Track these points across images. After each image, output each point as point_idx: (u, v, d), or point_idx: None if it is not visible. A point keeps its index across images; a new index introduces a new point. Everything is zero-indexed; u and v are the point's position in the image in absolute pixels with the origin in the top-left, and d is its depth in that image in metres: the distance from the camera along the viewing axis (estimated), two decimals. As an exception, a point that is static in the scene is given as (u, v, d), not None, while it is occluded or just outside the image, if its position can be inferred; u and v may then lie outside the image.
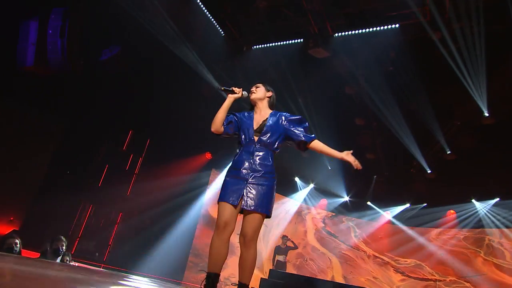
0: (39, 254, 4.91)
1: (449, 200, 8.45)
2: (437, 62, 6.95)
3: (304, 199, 9.76)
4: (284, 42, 7.54)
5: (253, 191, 2.52)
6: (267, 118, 2.74)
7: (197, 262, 8.18)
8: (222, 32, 7.48)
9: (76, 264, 5.23)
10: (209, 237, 2.57)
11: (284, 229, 9.26)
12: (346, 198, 9.75)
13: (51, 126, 7.08)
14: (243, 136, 2.72)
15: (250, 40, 7.65)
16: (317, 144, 2.69)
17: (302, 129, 2.73)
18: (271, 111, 2.84)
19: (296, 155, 9.14)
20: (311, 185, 9.82)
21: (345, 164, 9.67)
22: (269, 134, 2.67)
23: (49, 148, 7.06)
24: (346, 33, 7.13)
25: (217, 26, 7.42)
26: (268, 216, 2.56)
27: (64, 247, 4.83)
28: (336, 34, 7.22)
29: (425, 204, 9.01)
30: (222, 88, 2.75)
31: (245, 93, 2.82)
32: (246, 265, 2.47)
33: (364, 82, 7.72)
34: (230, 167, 2.70)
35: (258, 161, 2.59)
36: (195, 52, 7.35)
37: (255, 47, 7.72)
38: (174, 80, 7.44)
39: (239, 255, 2.53)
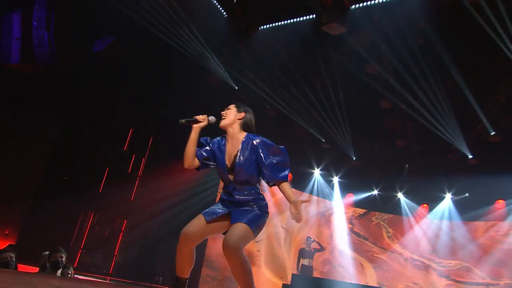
0: (38, 268, 4.57)
1: (495, 189, 7.52)
2: (474, 31, 6.14)
3: (327, 196, 8.97)
4: (294, 20, 6.84)
5: (239, 211, 2.41)
6: (238, 151, 2.51)
7: (214, 275, 7.52)
8: (224, 13, 6.86)
9: (79, 277, 4.80)
10: (219, 245, 2.43)
11: (307, 233, 8.54)
12: (374, 192, 8.83)
13: (44, 128, 6.60)
14: (220, 175, 2.56)
15: (256, 20, 7.00)
16: (281, 187, 2.46)
17: (271, 164, 2.46)
18: (244, 134, 2.56)
19: (316, 145, 8.42)
20: (335, 179, 9.11)
21: (372, 153, 8.78)
22: (243, 173, 2.47)
23: (43, 152, 6.59)
24: (365, 4, 6.38)
25: (219, 6, 6.80)
26: (253, 233, 2.36)
27: (64, 259, 4.40)
28: (353, 6, 6.46)
29: (467, 194, 8.05)
30: (184, 121, 2.51)
31: (211, 118, 2.58)
32: (236, 276, 2.32)
33: (388, 59, 6.96)
34: (218, 201, 2.59)
35: (239, 201, 2.46)
36: (197, 38, 6.77)
37: (262, 27, 7.05)
38: (176, 70, 6.83)
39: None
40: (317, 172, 8.94)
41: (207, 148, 2.59)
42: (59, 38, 6.08)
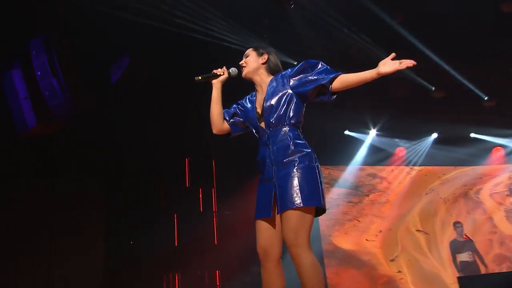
0: None
1: None
2: None
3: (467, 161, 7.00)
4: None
5: (282, 187, 2.04)
6: (266, 92, 2.24)
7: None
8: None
9: None
10: (348, 277, 0.99)
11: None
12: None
13: (88, 192, 5.76)
14: (253, 129, 2.29)
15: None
16: (343, 78, 2.08)
17: (316, 73, 2.14)
18: (272, 77, 2.29)
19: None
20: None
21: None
22: (273, 109, 2.17)
23: (95, 225, 5.70)
24: None
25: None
26: (318, 208, 2.05)
27: None
28: None
29: None
30: (200, 78, 2.26)
31: (233, 70, 2.35)
32: (305, 280, 1.94)
33: None
34: (258, 171, 2.24)
35: (277, 149, 2.12)
36: (233, 26, 5.52)
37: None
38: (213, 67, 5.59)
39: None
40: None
41: (234, 105, 2.43)
42: (70, 80, 5.17)
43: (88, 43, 5.28)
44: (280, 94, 2.18)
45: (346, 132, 7.03)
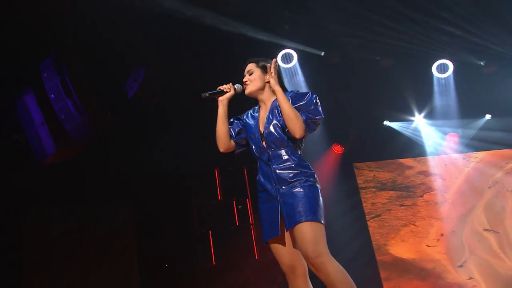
0: None
1: None
2: None
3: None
4: None
5: (289, 204, 2.10)
6: (269, 111, 2.30)
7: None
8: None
9: None
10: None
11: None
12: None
13: (118, 217, 5.55)
14: (253, 146, 2.31)
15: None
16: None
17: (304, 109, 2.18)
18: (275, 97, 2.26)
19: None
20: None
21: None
22: (272, 130, 2.22)
23: (127, 249, 5.48)
24: None
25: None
26: (321, 221, 2.08)
27: None
28: None
29: None
30: (207, 94, 2.28)
31: (238, 86, 2.35)
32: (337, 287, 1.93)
33: None
34: (258, 190, 2.31)
35: (279, 170, 2.18)
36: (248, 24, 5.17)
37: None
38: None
39: None
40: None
41: (237, 121, 2.42)
42: (85, 100, 4.96)
43: (99, 59, 5.06)
44: (279, 116, 2.22)
45: (386, 122, 6.49)
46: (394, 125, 6.49)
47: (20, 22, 4.66)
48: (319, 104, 2.23)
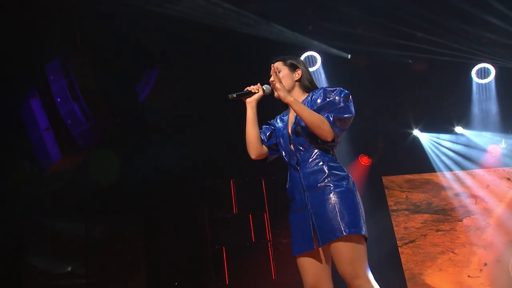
0: None
1: None
2: None
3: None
4: None
5: (319, 215, 1.92)
6: None
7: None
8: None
9: None
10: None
11: None
12: None
13: (127, 230, 5.27)
14: (283, 152, 2.17)
15: None
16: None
17: (326, 101, 2.02)
18: (306, 95, 2.17)
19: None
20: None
21: None
22: (299, 131, 2.07)
23: (136, 264, 5.19)
24: None
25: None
26: (362, 233, 1.87)
27: None
28: None
29: None
30: (235, 95, 2.10)
31: (267, 87, 2.17)
32: None
33: None
34: (288, 199, 2.13)
35: (309, 173, 2.01)
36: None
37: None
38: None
39: None
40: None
41: (266, 126, 2.31)
42: (93, 104, 4.72)
43: (109, 60, 4.83)
44: None
45: (416, 132, 6.03)
46: (427, 135, 6.03)
47: (27, 20, 4.48)
48: (351, 100, 2.04)
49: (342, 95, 2.02)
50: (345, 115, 1.98)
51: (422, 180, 5.89)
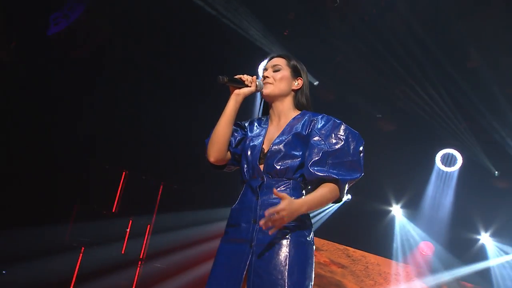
0: None
1: None
2: None
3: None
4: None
5: (264, 259, 1.65)
6: (283, 129, 1.86)
7: None
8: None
9: None
10: None
11: None
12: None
13: None
14: (245, 165, 1.85)
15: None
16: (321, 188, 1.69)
17: (321, 144, 1.74)
18: (298, 113, 1.90)
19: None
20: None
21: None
22: (282, 154, 1.78)
23: None
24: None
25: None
26: None
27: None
28: None
29: None
30: (226, 80, 1.83)
31: (260, 84, 1.91)
32: None
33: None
34: (227, 223, 1.82)
35: (269, 204, 1.67)
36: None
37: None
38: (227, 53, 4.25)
39: None
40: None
41: (239, 128, 1.96)
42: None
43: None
44: (297, 140, 1.80)
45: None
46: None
47: None
48: (362, 153, 1.76)
49: (358, 145, 1.74)
50: (357, 176, 1.72)
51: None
